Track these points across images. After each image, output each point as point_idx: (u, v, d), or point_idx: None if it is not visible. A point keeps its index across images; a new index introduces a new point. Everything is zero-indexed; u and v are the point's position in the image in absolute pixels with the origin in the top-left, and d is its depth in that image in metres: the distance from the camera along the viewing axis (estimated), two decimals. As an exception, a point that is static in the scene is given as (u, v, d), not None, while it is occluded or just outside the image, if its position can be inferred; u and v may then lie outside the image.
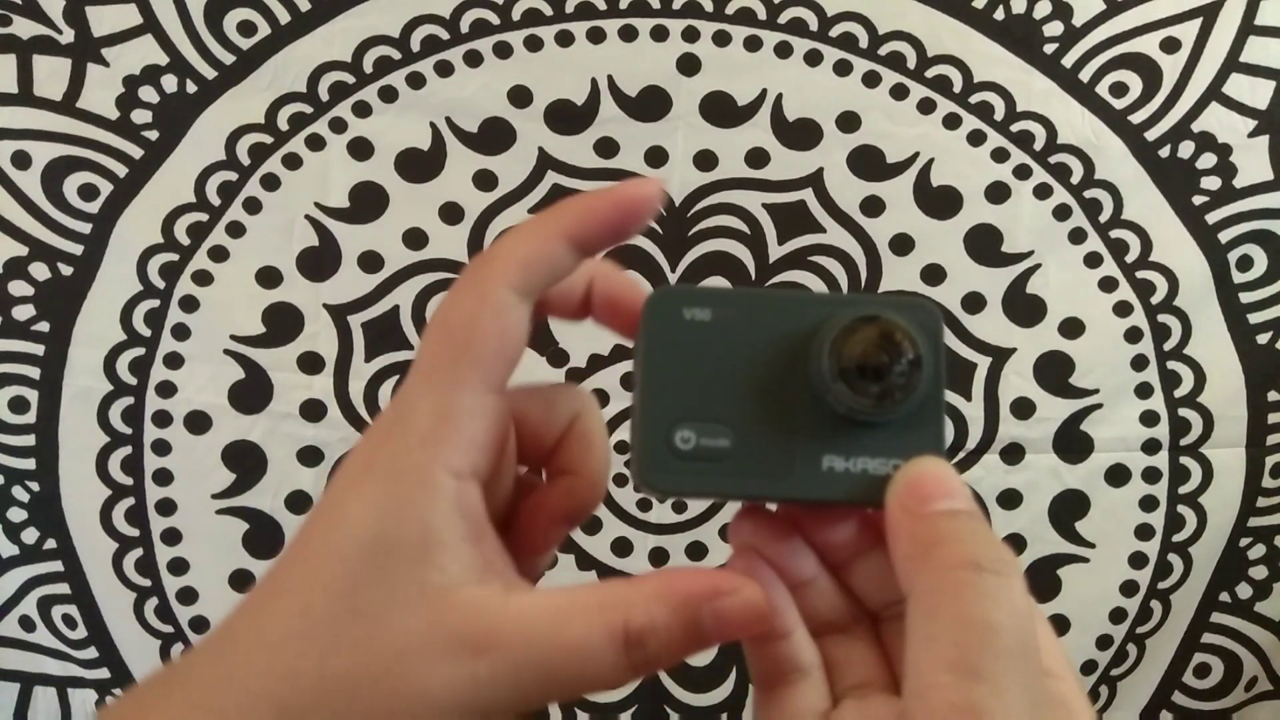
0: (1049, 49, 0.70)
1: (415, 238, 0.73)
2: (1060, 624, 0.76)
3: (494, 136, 0.72)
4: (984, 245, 0.73)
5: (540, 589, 0.21)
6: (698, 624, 0.20)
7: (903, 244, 0.73)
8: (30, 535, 0.75)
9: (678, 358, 0.22)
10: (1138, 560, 0.75)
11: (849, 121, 0.71)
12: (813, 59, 0.71)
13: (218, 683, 0.20)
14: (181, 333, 0.73)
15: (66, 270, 0.72)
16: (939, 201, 0.72)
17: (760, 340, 0.22)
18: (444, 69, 0.71)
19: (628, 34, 0.71)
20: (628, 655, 0.20)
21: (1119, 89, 0.71)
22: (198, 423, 0.74)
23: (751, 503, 0.23)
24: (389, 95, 0.72)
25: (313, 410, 0.74)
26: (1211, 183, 0.71)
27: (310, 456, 0.74)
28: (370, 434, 0.21)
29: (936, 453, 0.21)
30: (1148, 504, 0.75)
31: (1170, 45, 0.70)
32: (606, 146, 0.72)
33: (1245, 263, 0.72)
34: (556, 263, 0.22)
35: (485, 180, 0.72)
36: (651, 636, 0.20)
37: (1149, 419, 0.74)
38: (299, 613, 0.20)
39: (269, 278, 0.73)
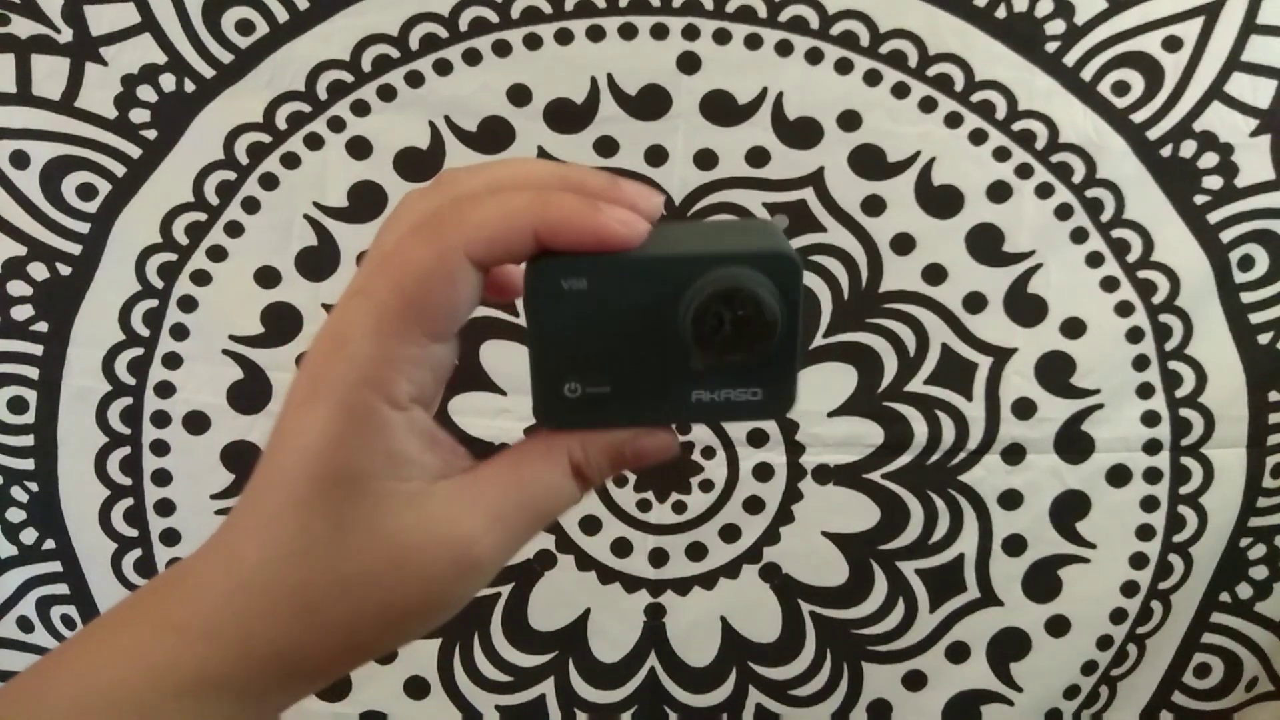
0: (1051, 47, 0.70)
1: (414, 237, 0.72)
2: (1061, 624, 0.76)
3: (493, 135, 0.71)
4: (985, 244, 0.72)
5: (492, 458, 0.25)
6: (621, 457, 0.26)
7: (904, 243, 0.72)
8: (29, 536, 0.75)
9: (560, 322, 0.25)
10: (1138, 560, 0.75)
11: (850, 120, 0.71)
12: (814, 57, 0.71)
13: (234, 592, 0.23)
14: (180, 333, 0.73)
15: (65, 270, 0.72)
16: (940, 200, 0.72)
17: (630, 303, 0.24)
18: (443, 67, 0.71)
19: (627, 32, 0.71)
20: (576, 481, 0.25)
21: (1121, 88, 0.70)
22: (196, 423, 0.74)
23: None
24: (388, 94, 0.71)
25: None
26: (1213, 182, 0.71)
27: (309, 456, 0.74)
28: (315, 357, 0.24)
29: (790, 381, 0.25)
30: (1149, 504, 0.74)
31: (1172, 44, 0.70)
32: (606, 145, 0.72)
33: (1247, 262, 0.72)
34: (519, 248, 0.23)
35: (484, 179, 0.72)
36: (587, 467, 0.25)
37: (1150, 419, 0.74)
38: (297, 532, 0.23)
39: (268, 277, 0.73)
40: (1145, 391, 0.73)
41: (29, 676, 0.24)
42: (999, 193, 0.72)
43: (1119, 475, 0.74)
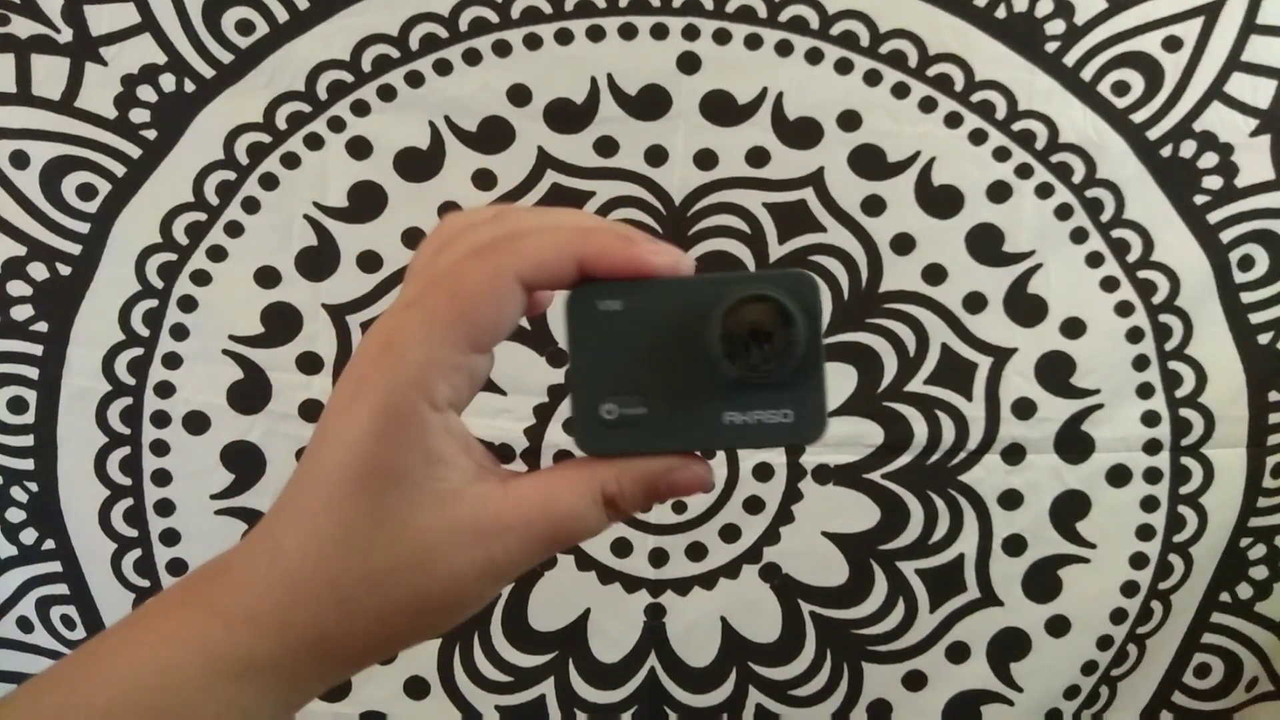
0: (1051, 47, 0.70)
1: (414, 237, 0.73)
2: (1061, 624, 0.76)
3: (493, 135, 0.71)
4: (985, 245, 0.72)
5: (527, 474, 0.26)
6: (655, 490, 0.26)
7: (904, 243, 0.72)
8: (29, 536, 0.75)
9: (598, 343, 0.26)
10: (1138, 560, 0.75)
11: (850, 120, 0.71)
12: (813, 57, 0.71)
13: (276, 582, 0.25)
14: (180, 333, 0.73)
15: (65, 270, 0.72)
16: (940, 201, 0.72)
17: (663, 322, 0.26)
18: (443, 67, 0.71)
19: (627, 32, 0.71)
20: (605, 511, 0.26)
21: (1121, 88, 0.70)
22: (196, 423, 0.74)
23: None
24: (388, 94, 0.71)
25: (312, 410, 0.73)
26: (1213, 182, 0.71)
27: (309, 457, 0.74)
28: (363, 358, 0.25)
29: (820, 401, 0.26)
30: (1149, 504, 0.74)
31: (1172, 44, 0.70)
32: (606, 145, 0.72)
33: (1247, 262, 0.72)
34: (563, 276, 0.25)
35: (484, 179, 0.72)
36: (620, 499, 0.26)
37: (1150, 419, 0.74)
38: (337, 524, 0.24)
39: (267, 277, 0.73)
40: (1145, 391, 0.73)
41: (79, 656, 0.25)
42: (999, 193, 0.72)
43: (1119, 475, 0.74)
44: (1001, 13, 0.70)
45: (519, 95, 0.71)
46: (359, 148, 0.72)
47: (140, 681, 0.24)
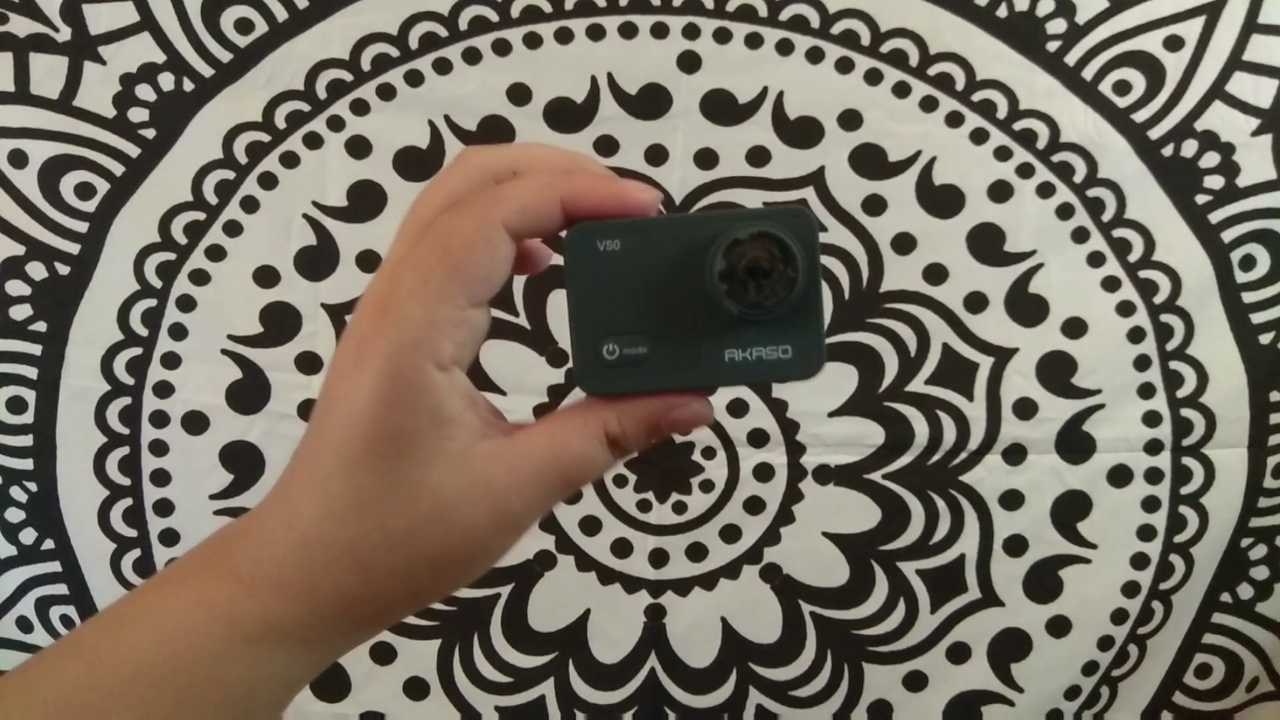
0: (1052, 47, 0.70)
1: (414, 237, 0.72)
2: (1062, 625, 0.76)
3: (493, 134, 0.71)
4: (986, 244, 0.72)
5: (532, 425, 0.27)
6: (656, 428, 0.27)
7: (904, 243, 0.72)
8: (28, 535, 0.75)
9: (597, 283, 0.26)
10: (1139, 561, 0.75)
11: (850, 119, 0.71)
12: (814, 56, 0.71)
13: (296, 547, 0.25)
14: (179, 332, 0.73)
15: (63, 270, 0.72)
16: (941, 200, 0.72)
17: (663, 260, 0.26)
18: (442, 66, 0.71)
19: (628, 31, 0.70)
20: (609, 450, 0.27)
21: (1122, 87, 0.70)
22: (195, 423, 0.74)
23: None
24: (387, 93, 0.71)
25: (311, 410, 0.73)
26: (1214, 182, 0.71)
27: (309, 457, 0.73)
28: (360, 322, 0.25)
29: (818, 336, 0.26)
30: (1150, 504, 0.74)
31: (1173, 43, 0.70)
32: (606, 145, 0.72)
33: (1248, 262, 0.72)
34: (549, 220, 0.25)
35: (484, 179, 0.72)
36: (623, 438, 0.27)
37: (1151, 419, 0.73)
38: (351, 489, 0.24)
39: (267, 277, 0.73)
40: (1146, 391, 0.73)
41: (100, 622, 0.25)
42: (1000, 192, 0.72)
43: (1120, 475, 0.74)
44: (1003, 12, 0.69)
45: (519, 94, 0.71)
46: (358, 147, 0.72)
47: (164, 649, 0.24)
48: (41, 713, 0.23)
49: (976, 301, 0.73)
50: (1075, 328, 0.73)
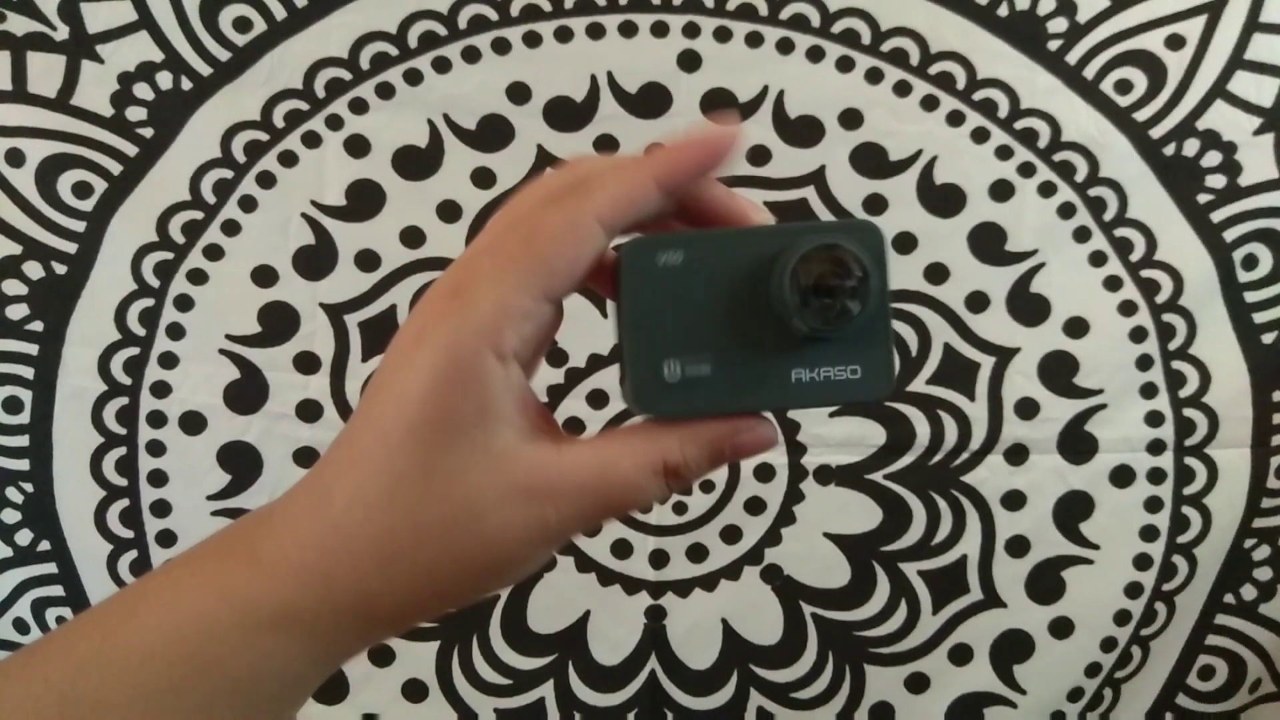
0: (1053, 46, 0.70)
1: (413, 236, 0.72)
2: (1064, 626, 0.75)
3: (492, 134, 0.71)
4: (988, 244, 0.72)
5: (583, 439, 0.25)
6: (720, 455, 0.25)
7: (906, 242, 0.72)
8: (24, 537, 0.75)
9: (656, 299, 0.25)
10: (1142, 562, 0.75)
11: (851, 119, 0.71)
12: (815, 55, 0.70)
13: (327, 531, 0.24)
14: (176, 332, 0.73)
15: (60, 269, 0.72)
16: (942, 199, 0.72)
17: (727, 275, 0.25)
18: (442, 65, 0.71)
19: (628, 30, 0.70)
20: (666, 483, 0.25)
21: (1123, 86, 0.70)
22: (193, 423, 0.73)
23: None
24: (386, 92, 0.71)
25: (309, 410, 0.73)
26: (1216, 181, 0.71)
27: (306, 457, 0.73)
28: (427, 306, 0.24)
29: (888, 356, 0.25)
30: (1152, 505, 0.74)
31: (1175, 42, 0.69)
32: (606, 144, 0.71)
33: (1250, 262, 0.72)
34: (645, 205, 0.24)
35: (483, 178, 0.72)
36: (684, 469, 0.25)
37: (1154, 419, 0.73)
38: (387, 475, 0.23)
39: (265, 276, 0.72)
40: (1149, 391, 0.73)
41: (118, 600, 0.25)
42: (1001, 192, 0.72)
43: (1122, 476, 0.74)
44: (1004, 11, 0.69)
45: (518, 93, 0.71)
46: (357, 146, 0.71)
47: (178, 630, 0.23)
48: (44, 690, 0.23)
49: (978, 301, 0.73)
50: (1077, 327, 0.73)
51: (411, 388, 0.23)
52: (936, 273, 0.72)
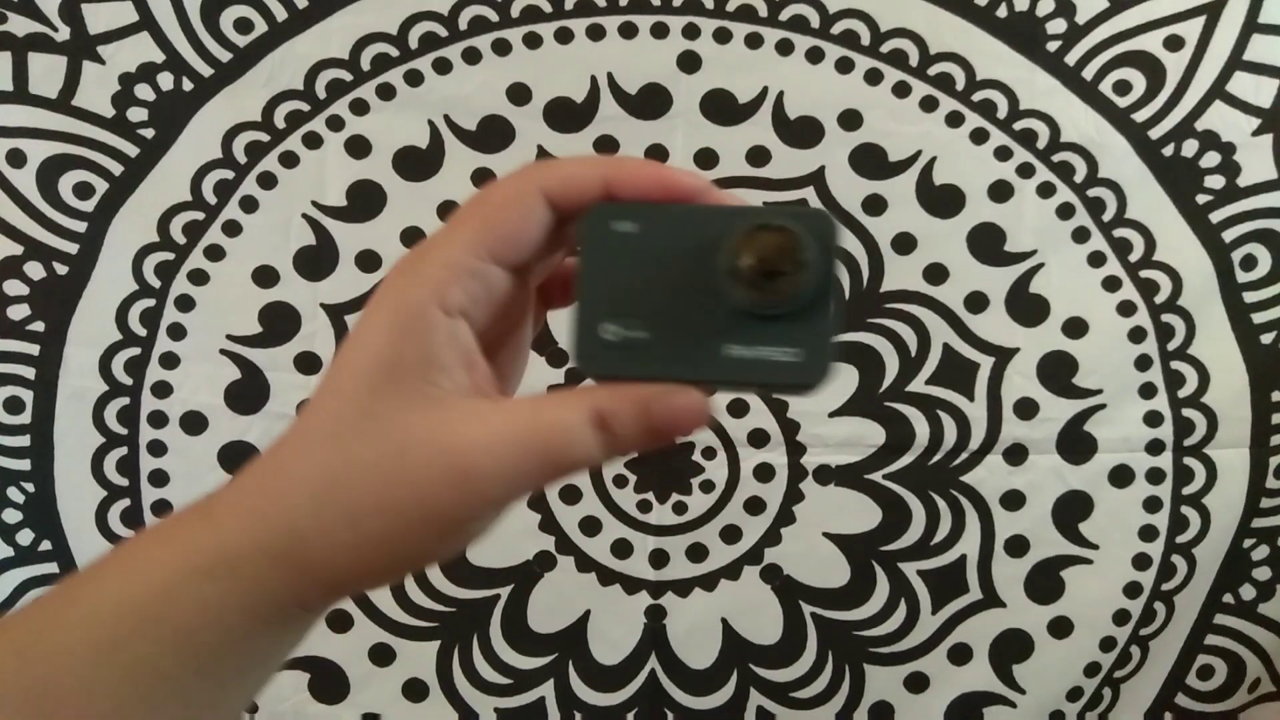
0: (1052, 46, 0.70)
1: (414, 236, 0.72)
2: (1063, 625, 0.76)
3: (493, 134, 0.71)
4: (987, 244, 0.72)
5: (518, 397, 0.27)
6: (650, 416, 0.25)
7: (905, 243, 0.72)
8: (25, 537, 0.75)
9: (607, 265, 0.25)
10: (1141, 561, 0.75)
11: (851, 119, 0.71)
12: (814, 56, 0.71)
13: (270, 473, 0.25)
14: (177, 332, 0.73)
15: (62, 269, 0.72)
16: (941, 200, 0.72)
17: (677, 248, 0.25)
18: (442, 66, 0.71)
19: (628, 31, 0.70)
20: (597, 433, 0.24)
21: (1122, 87, 0.70)
22: (194, 423, 0.73)
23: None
24: (387, 93, 0.71)
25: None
26: (1215, 182, 0.71)
27: (307, 457, 0.73)
28: (393, 270, 0.26)
29: (826, 343, 0.25)
30: (1151, 505, 0.74)
31: (1174, 43, 0.70)
32: (606, 145, 0.72)
33: (1249, 262, 0.72)
34: (588, 192, 0.26)
35: (484, 178, 0.72)
36: (614, 419, 0.24)
37: (1153, 419, 0.73)
38: (330, 418, 0.24)
39: (266, 277, 0.73)
40: (1148, 392, 0.73)
41: (90, 566, 0.25)
42: (1000, 192, 0.72)
43: (1121, 476, 0.74)
44: (1003, 12, 0.69)
45: (519, 94, 0.71)
46: (358, 147, 0.72)
47: (128, 584, 0.24)
48: (5, 646, 0.23)
49: (977, 301, 0.73)
50: (1076, 328, 0.73)
51: (365, 339, 0.25)
52: (936, 273, 0.72)
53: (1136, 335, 0.73)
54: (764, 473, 0.74)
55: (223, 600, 0.24)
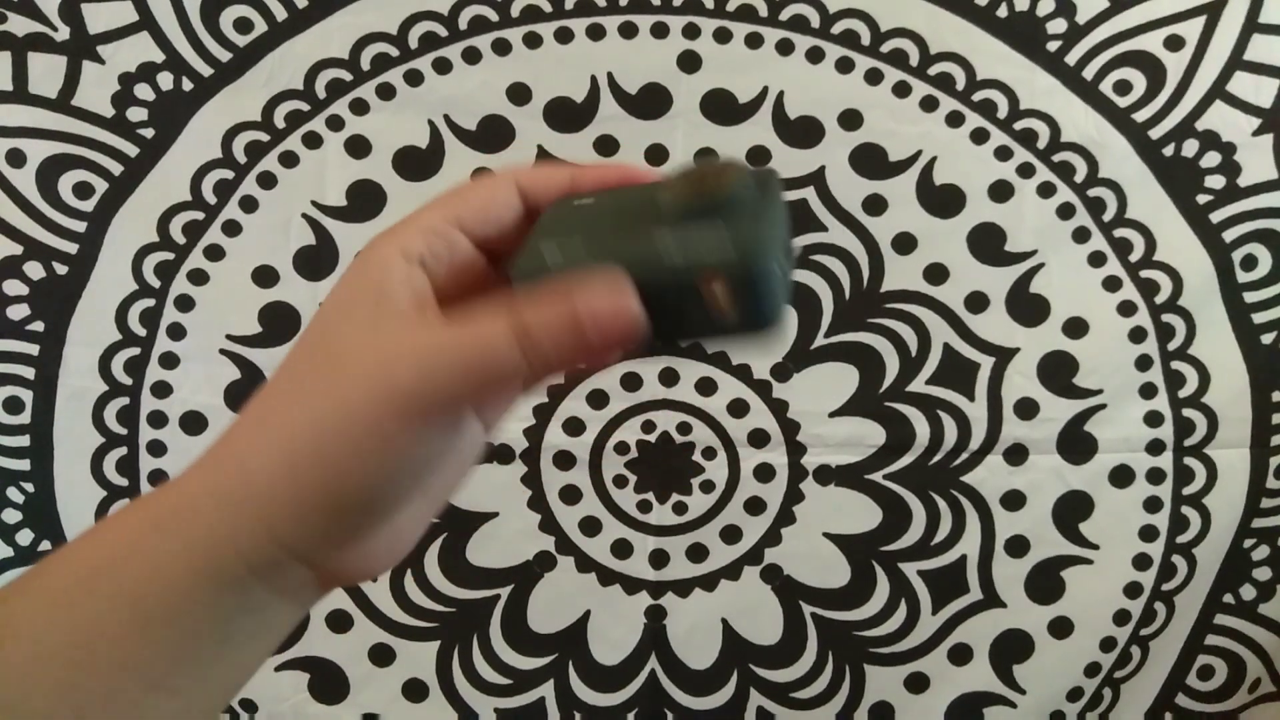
0: (1052, 46, 0.70)
1: (413, 236, 0.72)
2: (1064, 626, 0.76)
3: (493, 134, 0.71)
4: (987, 244, 0.72)
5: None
6: (577, 319, 0.24)
7: (905, 243, 0.72)
8: (25, 537, 0.75)
9: (563, 217, 0.28)
10: (1142, 562, 0.75)
11: (851, 119, 0.71)
12: (814, 56, 0.71)
13: (238, 421, 0.26)
14: (177, 332, 0.73)
15: (61, 269, 0.72)
16: (942, 200, 0.72)
17: (623, 200, 0.27)
18: (442, 66, 0.71)
19: (628, 31, 0.70)
20: (522, 346, 0.24)
21: (1123, 87, 0.70)
22: (193, 423, 0.73)
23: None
24: (387, 93, 0.71)
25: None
26: (1215, 181, 0.71)
27: (307, 457, 0.73)
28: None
29: (758, 230, 0.24)
30: (1152, 505, 0.74)
31: (1174, 43, 0.70)
32: (606, 144, 0.71)
33: (1250, 262, 0.72)
34: (555, 189, 0.29)
35: (484, 179, 0.72)
36: (538, 329, 0.24)
37: (1153, 419, 0.73)
38: (291, 358, 0.26)
39: (265, 277, 0.73)
40: (1148, 392, 0.73)
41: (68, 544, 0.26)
42: (1001, 192, 0.72)
43: (1122, 476, 0.74)
44: (1003, 11, 0.69)
45: (519, 94, 0.71)
46: (358, 146, 0.71)
47: (95, 546, 0.25)
48: None
49: (977, 301, 0.73)
50: (1076, 328, 0.73)
51: (334, 289, 0.26)
52: (936, 273, 0.72)
53: (1137, 335, 0.73)
54: (764, 473, 0.74)
55: (171, 554, 0.24)
